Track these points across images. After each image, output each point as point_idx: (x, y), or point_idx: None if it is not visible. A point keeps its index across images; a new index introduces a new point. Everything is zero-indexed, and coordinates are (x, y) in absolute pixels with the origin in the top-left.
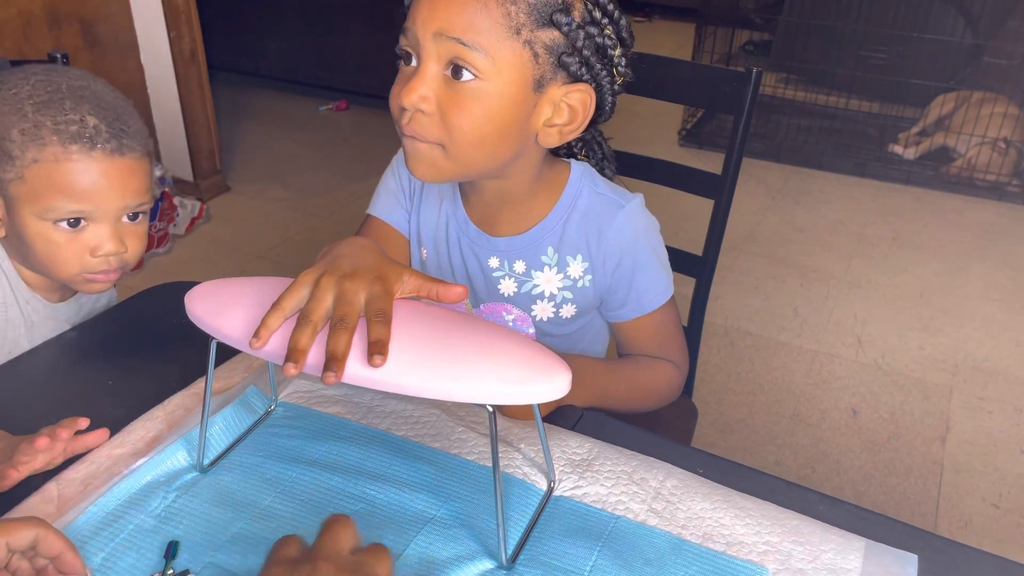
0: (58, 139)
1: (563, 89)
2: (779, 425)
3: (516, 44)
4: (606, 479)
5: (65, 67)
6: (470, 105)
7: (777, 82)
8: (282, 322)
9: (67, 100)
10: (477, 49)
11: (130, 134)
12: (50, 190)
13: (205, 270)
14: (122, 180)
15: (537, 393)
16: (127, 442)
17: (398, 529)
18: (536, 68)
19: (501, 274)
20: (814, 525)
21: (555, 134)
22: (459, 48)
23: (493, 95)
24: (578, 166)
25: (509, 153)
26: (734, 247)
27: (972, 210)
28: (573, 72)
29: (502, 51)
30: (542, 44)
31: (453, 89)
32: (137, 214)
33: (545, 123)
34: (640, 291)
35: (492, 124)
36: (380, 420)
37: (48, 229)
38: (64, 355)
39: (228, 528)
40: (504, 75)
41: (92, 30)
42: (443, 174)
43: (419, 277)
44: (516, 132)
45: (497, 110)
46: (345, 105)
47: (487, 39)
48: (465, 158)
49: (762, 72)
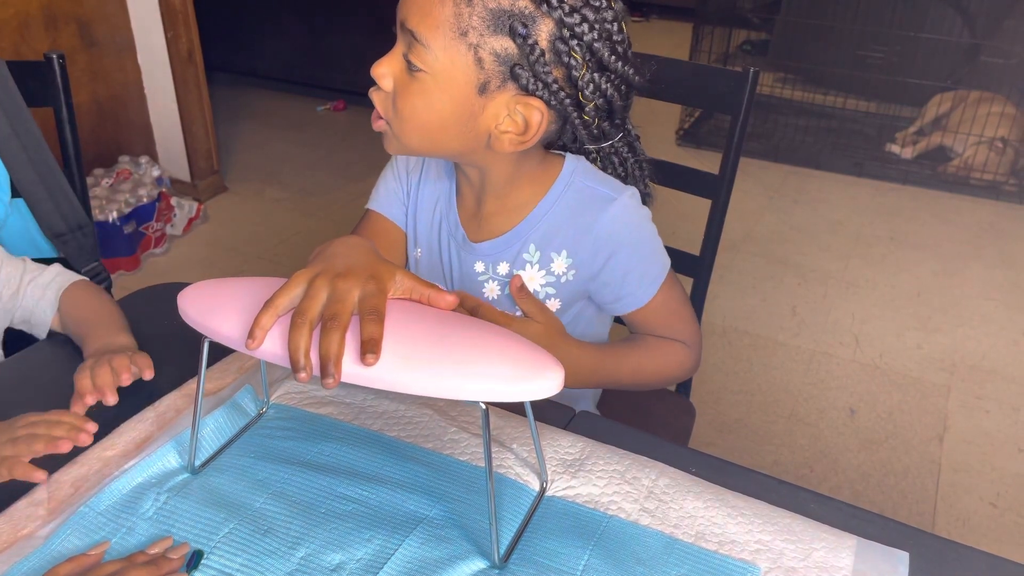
0: None
1: (515, 99)
2: (777, 424)
3: (461, 46)
4: (598, 479)
5: None
6: (413, 94)
7: (775, 82)
8: (275, 321)
9: None
10: (424, 44)
11: None
12: None
13: (202, 270)
14: None
15: (530, 391)
16: (118, 444)
17: (391, 529)
18: (480, 73)
19: (486, 278)
20: (806, 523)
21: (506, 141)
22: (412, 41)
23: (434, 90)
24: (571, 160)
25: (456, 145)
26: (732, 247)
27: (969, 209)
28: (523, 85)
29: (446, 50)
30: (491, 50)
31: (407, 76)
32: None
33: (497, 127)
34: (635, 283)
35: (430, 115)
36: (372, 421)
37: None
38: (56, 355)
39: (220, 529)
40: (445, 73)
41: (89, 30)
42: (395, 149)
43: (412, 279)
44: (459, 128)
45: (436, 104)
46: (343, 105)
47: (433, 36)
48: (408, 141)
49: (759, 72)
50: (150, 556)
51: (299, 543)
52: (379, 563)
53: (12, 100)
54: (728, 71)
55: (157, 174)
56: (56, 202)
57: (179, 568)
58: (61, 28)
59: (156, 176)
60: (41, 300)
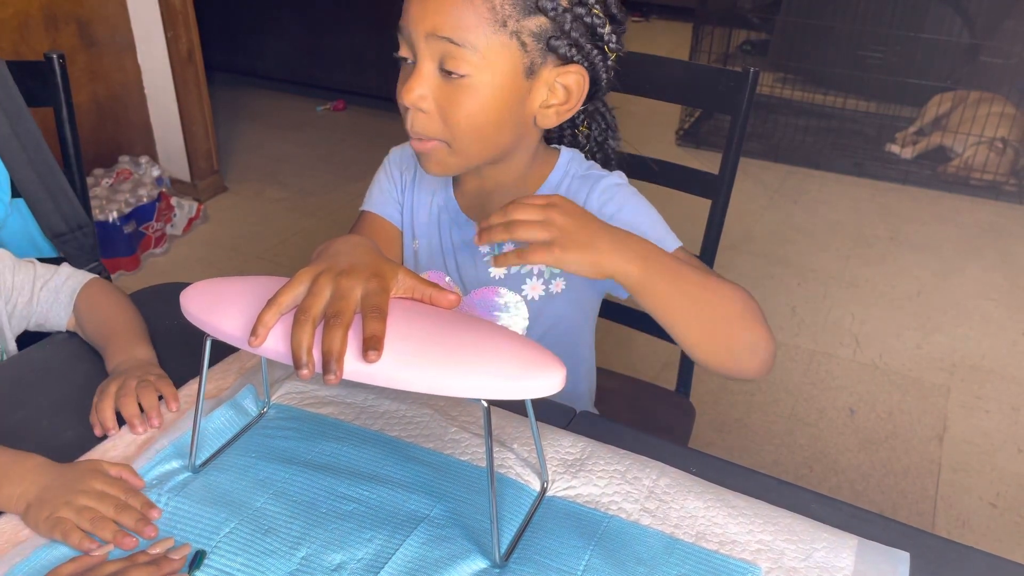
0: None
1: (555, 71)
2: (777, 425)
3: (503, 37)
4: (599, 479)
5: None
6: (465, 100)
7: (774, 82)
8: (278, 318)
9: None
10: (466, 46)
11: None
12: None
13: (202, 271)
14: None
15: (531, 388)
16: (119, 444)
17: (392, 529)
18: (525, 56)
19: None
20: (807, 524)
21: (552, 115)
22: (449, 47)
23: (486, 88)
24: (567, 153)
25: (509, 139)
26: (732, 247)
27: (969, 209)
28: (563, 55)
29: (491, 45)
30: (529, 32)
31: (448, 86)
32: None
33: (541, 105)
34: (648, 235)
35: (488, 115)
36: (373, 421)
37: None
38: (57, 356)
39: (221, 529)
40: (494, 67)
41: (89, 30)
42: (450, 168)
43: (414, 278)
44: (512, 119)
45: (491, 102)
46: (342, 105)
47: (475, 35)
48: (468, 151)
49: (759, 72)
50: (152, 556)
51: (300, 543)
52: (380, 563)
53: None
54: (728, 71)
55: (157, 174)
56: (56, 202)
57: (180, 568)
58: (61, 28)
59: (156, 176)
60: (55, 304)
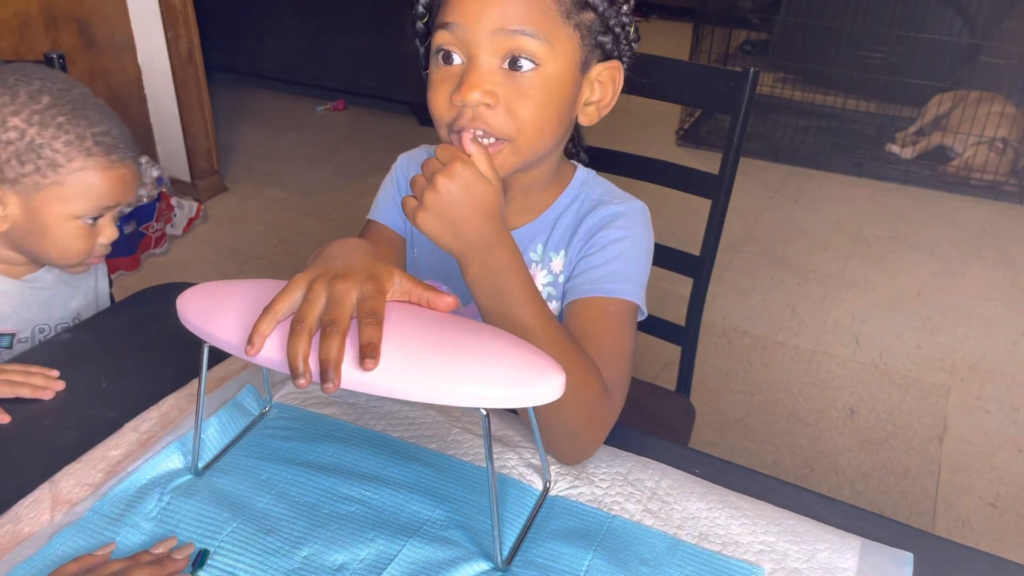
0: (100, 149)
1: (600, 67)
2: (777, 425)
3: (568, 28)
4: (601, 480)
5: (52, 71)
6: (534, 93)
7: (775, 82)
8: (274, 327)
9: (90, 111)
10: (537, 37)
11: (131, 142)
12: (90, 193)
13: (202, 271)
14: (132, 182)
15: (530, 396)
16: (121, 444)
17: (394, 530)
18: (582, 50)
19: None
20: (810, 524)
21: (593, 112)
22: (520, 39)
23: (553, 79)
24: (583, 171)
25: (559, 137)
26: (732, 247)
27: (969, 209)
28: (608, 51)
29: (558, 36)
30: (585, 26)
31: (514, 80)
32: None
33: (585, 102)
34: (605, 271)
35: (553, 108)
36: (376, 421)
37: (72, 224)
38: (58, 356)
39: (223, 529)
40: (560, 59)
41: (89, 30)
42: (505, 170)
43: (410, 280)
44: (567, 115)
45: (557, 94)
46: (343, 105)
47: (545, 27)
48: (532, 147)
49: (759, 72)
50: (155, 556)
51: (302, 543)
52: (382, 564)
53: None
54: (728, 71)
55: (157, 174)
56: None
57: (183, 568)
58: (61, 28)
59: (156, 176)
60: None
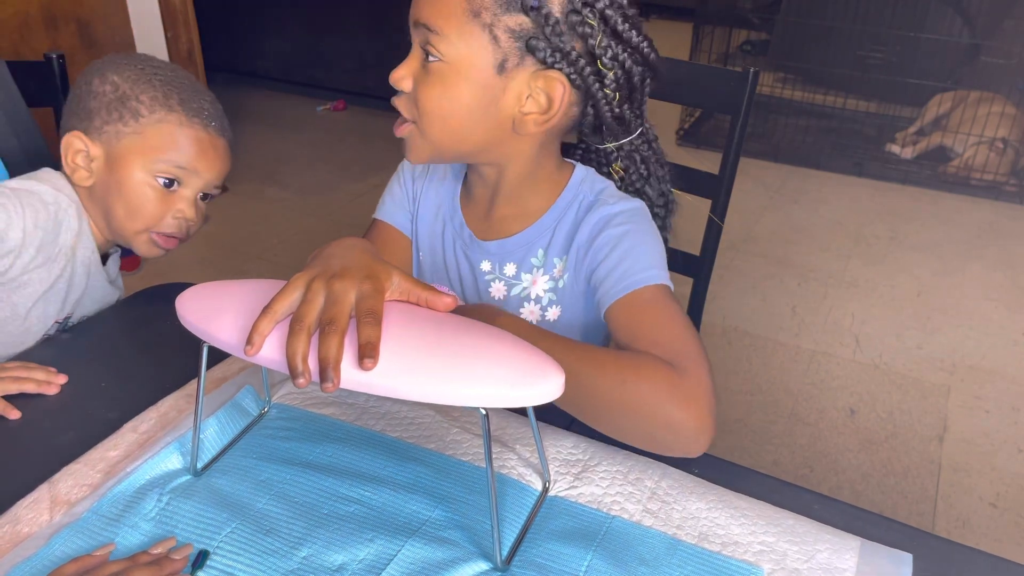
0: (183, 109)
1: (535, 75)
2: (777, 425)
3: (475, 27)
4: (601, 479)
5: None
6: (434, 84)
7: (775, 82)
8: (273, 327)
9: (186, 84)
10: (439, 33)
11: (228, 125)
12: (166, 146)
13: (202, 271)
14: (219, 157)
15: (530, 396)
16: (120, 444)
17: (393, 531)
18: (497, 51)
19: (492, 277)
20: (809, 525)
21: (531, 122)
22: (427, 33)
23: (454, 75)
24: (581, 169)
25: (481, 134)
26: (732, 247)
27: (969, 209)
28: (541, 58)
29: (461, 35)
30: (505, 28)
31: (425, 71)
32: (208, 195)
33: (520, 110)
34: (624, 268)
35: (454, 103)
36: (375, 421)
37: (147, 181)
38: (58, 356)
39: (222, 529)
40: (463, 58)
41: (89, 31)
42: (422, 154)
43: (409, 280)
44: (483, 115)
45: (457, 90)
46: (343, 105)
47: (448, 23)
48: (433, 136)
49: (759, 72)
50: (153, 556)
51: (301, 543)
52: (381, 564)
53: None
54: (728, 71)
55: None
56: None
57: (182, 568)
58: (61, 28)
59: None
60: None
